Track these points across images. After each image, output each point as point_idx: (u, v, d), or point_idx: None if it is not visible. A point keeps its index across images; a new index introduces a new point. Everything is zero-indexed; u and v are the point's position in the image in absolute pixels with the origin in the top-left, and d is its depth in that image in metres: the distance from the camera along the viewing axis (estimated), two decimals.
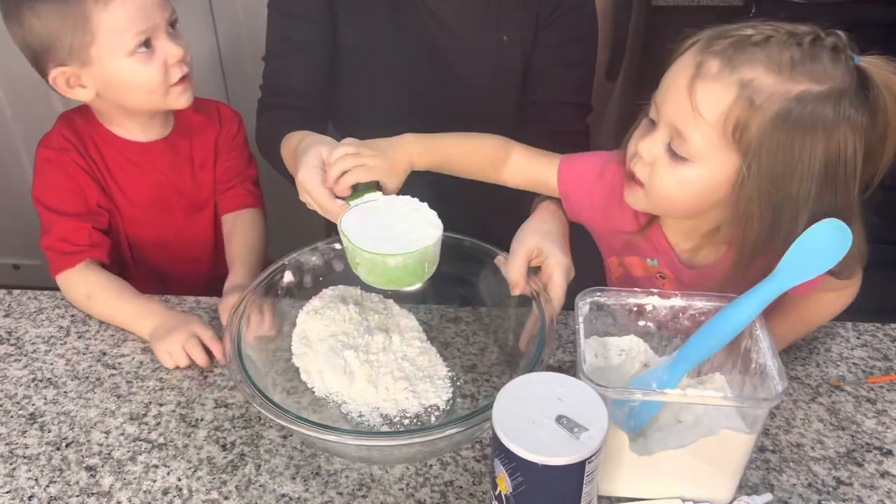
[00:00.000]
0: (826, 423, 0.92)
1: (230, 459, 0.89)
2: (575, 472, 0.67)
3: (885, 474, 0.86)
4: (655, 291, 0.88)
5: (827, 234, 0.78)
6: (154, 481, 0.86)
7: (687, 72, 0.82)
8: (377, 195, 0.94)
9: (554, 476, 0.67)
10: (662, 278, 1.02)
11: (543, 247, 0.97)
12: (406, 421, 0.92)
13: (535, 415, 0.69)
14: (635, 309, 0.89)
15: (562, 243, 1.00)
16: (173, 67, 1.12)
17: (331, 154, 0.95)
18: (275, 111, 1.27)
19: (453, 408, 0.95)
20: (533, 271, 0.98)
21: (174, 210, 1.27)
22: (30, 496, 0.85)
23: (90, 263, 1.13)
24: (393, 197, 0.95)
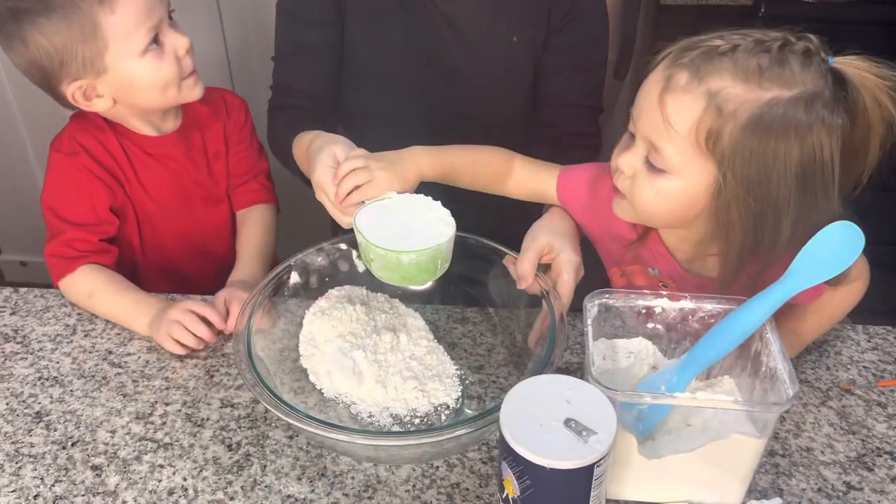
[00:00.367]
0: (836, 427, 0.91)
1: (236, 460, 0.88)
2: (583, 476, 0.67)
3: None
4: (665, 294, 0.87)
5: (839, 236, 0.77)
6: (159, 481, 0.86)
7: (657, 85, 0.83)
8: (392, 193, 0.94)
9: (562, 480, 0.66)
10: (665, 287, 1.02)
11: (555, 244, 0.98)
12: (416, 420, 0.92)
13: (544, 417, 0.69)
14: (644, 311, 0.88)
15: (573, 242, 1.01)
16: (184, 59, 1.12)
17: (341, 163, 0.95)
18: (285, 111, 1.28)
19: (462, 407, 0.94)
20: (542, 269, 0.98)
21: (193, 201, 1.27)
22: (35, 495, 0.85)
23: (91, 265, 1.12)
24: (407, 195, 0.95)
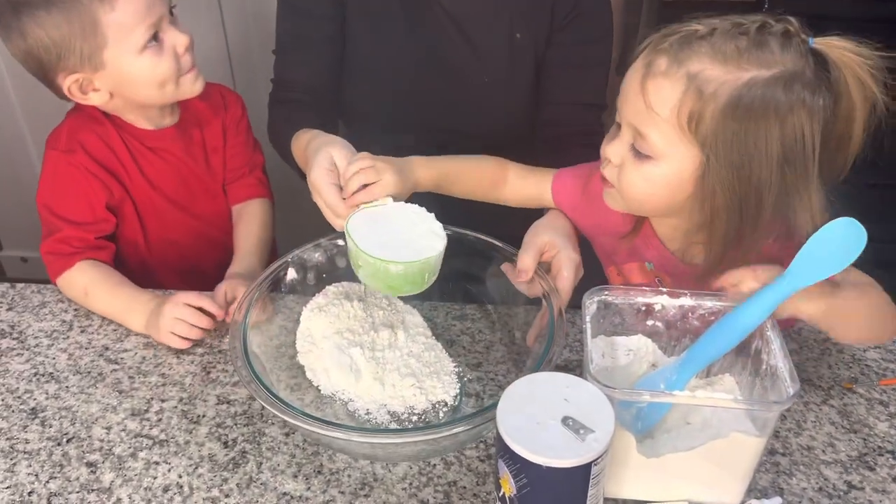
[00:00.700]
0: (838, 426, 0.90)
1: (231, 457, 0.88)
2: (580, 475, 0.66)
3: None
4: (664, 290, 0.87)
5: (840, 233, 0.76)
6: (155, 478, 0.85)
7: (638, 73, 0.84)
8: (387, 200, 0.94)
9: (559, 478, 0.66)
10: (660, 282, 1.02)
11: (556, 241, 0.99)
12: (414, 418, 0.91)
13: (541, 415, 0.68)
14: (644, 308, 0.88)
15: (573, 241, 1.03)
16: (183, 56, 1.11)
17: (348, 164, 0.95)
18: (285, 105, 1.27)
19: (461, 404, 0.94)
20: (542, 268, 0.97)
21: (195, 193, 1.27)
22: (30, 492, 0.84)
23: (88, 261, 1.12)
24: (402, 204, 0.95)
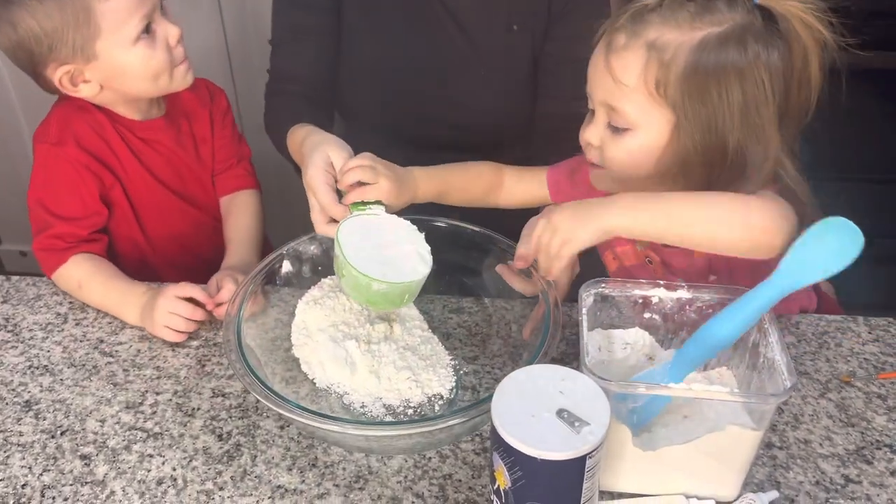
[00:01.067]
0: (835, 420, 0.90)
1: (226, 450, 0.87)
2: (575, 468, 0.65)
3: (895, 473, 0.84)
4: (661, 283, 0.86)
5: (834, 233, 0.73)
6: (149, 471, 0.85)
7: (601, 53, 0.89)
8: (380, 209, 0.94)
9: (553, 471, 0.65)
10: (650, 263, 1.02)
11: None
12: (409, 411, 0.91)
13: (536, 408, 0.67)
14: (641, 301, 0.87)
15: None
16: (175, 48, 1.11)
17: (340, 161, 0.96)
18: (281, 97, 1.27)
19: (456, 398, 0.93)
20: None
21: (189, 182, 1.26)
22: (23, 484, 0.84)
23: (81, 254, 1.11)
24: (394, 217, 0.95)
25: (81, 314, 1.09)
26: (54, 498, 0.82)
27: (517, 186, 1.10)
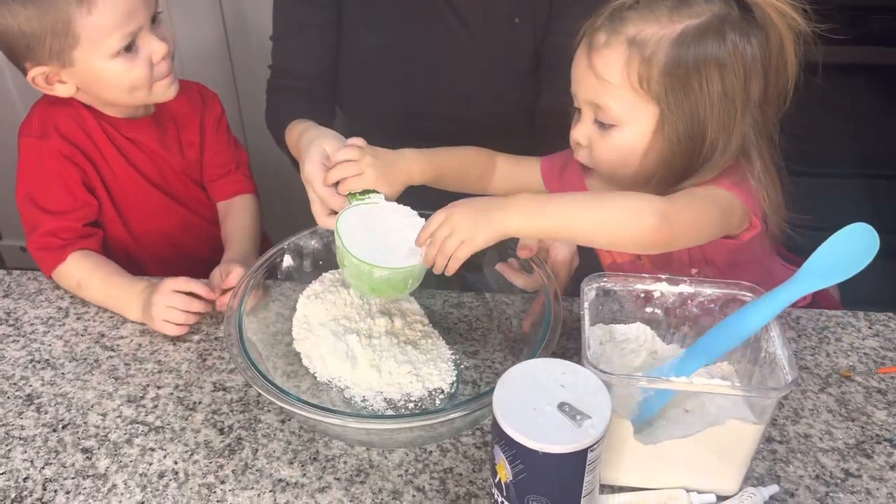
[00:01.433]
0: (835, 414, 0.90)
1: (227, 443, 0.88)
2: (576, 461, 0.65)
3: (895, 467, 0.84)
4: (663, 277, 0.86)
5: (855, 238, 0.76)
6: (150, 464, 0.85)
7: (583, 53, 0.90)
8: (379, 197, 0.94)
9: (555, 464, 0.65)
10: (639, 259, 1.03)
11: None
12: (410, 405, 0.91)
13: (537, 401, 0.68)
14: (643, 295, 0.87)
15: None
16: (158, 65, 1.09)
17: (334, 153, 0.96)
18: (282, 92, 1.27)
19: (457, 392, 0.93)
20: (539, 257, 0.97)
21: (173, 181, 1.25)
22: (25, 477, 0.84)
23: (80, 251, 1.11)
24: (394, 204, 0.94)
25: (82, 308, 1.09)
26: (56, 491, 0.83)
27: (510, 174, 1.09)
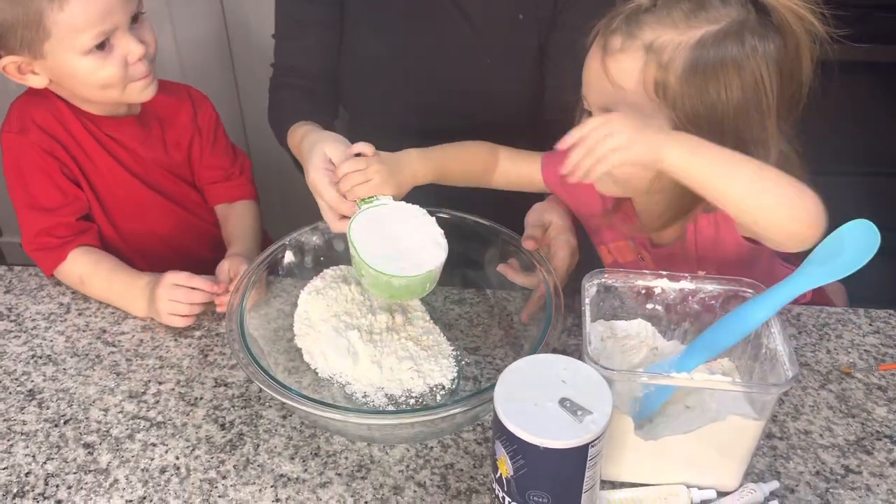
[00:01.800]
0: (836, 411, 0.90)
1: (229, 439, 0.88)
2: (577, 456, 0.66)
3: (895, 463, 0.84)
4: (664, 274, 0.86)
5: (856, 235, 0.75)
6: (152, 459, 0.85)
7: (597, 56, 0.88)
8: (388, 199, 0.94)
9: (556, 459, 0.66)
10: (642, 260, 1.03)
11: (558, 224, 1.04)
12: (411, 401, 0.91)
13: (538, 397, 0.68)
14: (644, 291, 0.87)
15: (572, 226, 1.06)
16: (134, 65, 1.07)
17: (338, 161, 0.95)
18: (285, 90, 1.26)
19: (458, 388, 0.94)
20: (540, 253, 0.98)
21: (161, 180, 1.23)
22: (27, 472, 0.84)
23: (79, 248, 1.10)
24: (403, 205, 0.94)
25: (84, 304, 1.09)
26: (58, 486, 0.83)
27: (512, 168, 1.09)
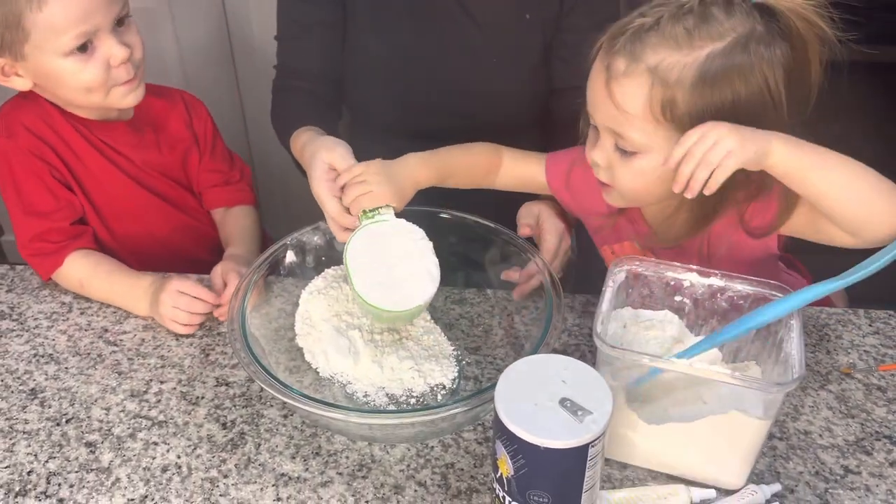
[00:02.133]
0: (835, 411, 0.90)
1: (230, 438, 0.88)
2: (578, 456, 0.66)
3: (895, 463, 0.84)
4: (694, 268, 0.87)
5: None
6: (153, 458, 0.86)
7: (600, 78, 0.86)
8: (389, 214, 0.94)
9: (556, 459, 0.66)
10: None
11: (544, 212, 1.09)
12: (412, 400, 0.92)
13: (539, 397, 0.68)
14: (672, 283, 0.87)
15: (559, 211, 1.11)
16: (117, 69, 1.06)
17: (340, 159, 0.96)
18: (288, 92, 1.26)
19: (459, 388, 0.94)
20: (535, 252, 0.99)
21: (156, 182, 1.22)
22: (29, 471, 0.85)
23: (76, 252, 1.10)
24: (402, 223, 0.95)
25: (86, 303, 1.09)
26: (60, 485, 0.83)
27: (515, 169, 1.08)
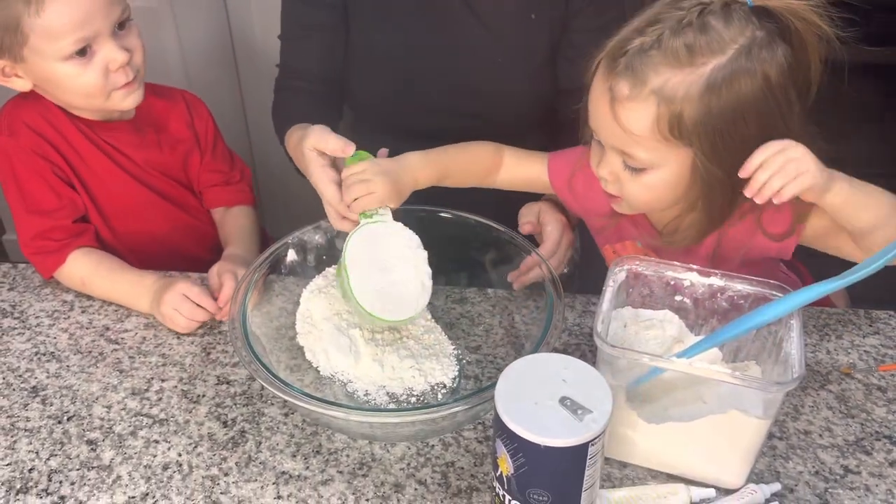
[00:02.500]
0: (835, 411, 0.91)
1: (231, 436, 0.88)
2: (577, 455, 0.66)
3: (895, 463, 0.85)
4: (695, 267, 0.87)
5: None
6: (154, 456, 0.86)
7: (604, 99, 0.86)
8: (387, 215, 0.95)
9: (556, 458, 0.66)
10: None
11: (545, 208, 1.11)
12: (413, 399, 0.92)
13: (539, 395, 0.68)
14: (673, 282, 0.87)
15: (560, 209, 1.12)
16: (115, 73, 1.06)
17: (328, 141, 0.95)
18: (288, 92, 1.26)
19: (459, 387, 0.94)
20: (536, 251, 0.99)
21: (158, 181, 1.22)
22: (30, 469, 0.85)
23: (78, 250, 1.10)
24: (401, 228, 0.95)
25: (87, 302, 1.09)
26: (61, 482, 0.83)
27: (517, 168, 1.08)
